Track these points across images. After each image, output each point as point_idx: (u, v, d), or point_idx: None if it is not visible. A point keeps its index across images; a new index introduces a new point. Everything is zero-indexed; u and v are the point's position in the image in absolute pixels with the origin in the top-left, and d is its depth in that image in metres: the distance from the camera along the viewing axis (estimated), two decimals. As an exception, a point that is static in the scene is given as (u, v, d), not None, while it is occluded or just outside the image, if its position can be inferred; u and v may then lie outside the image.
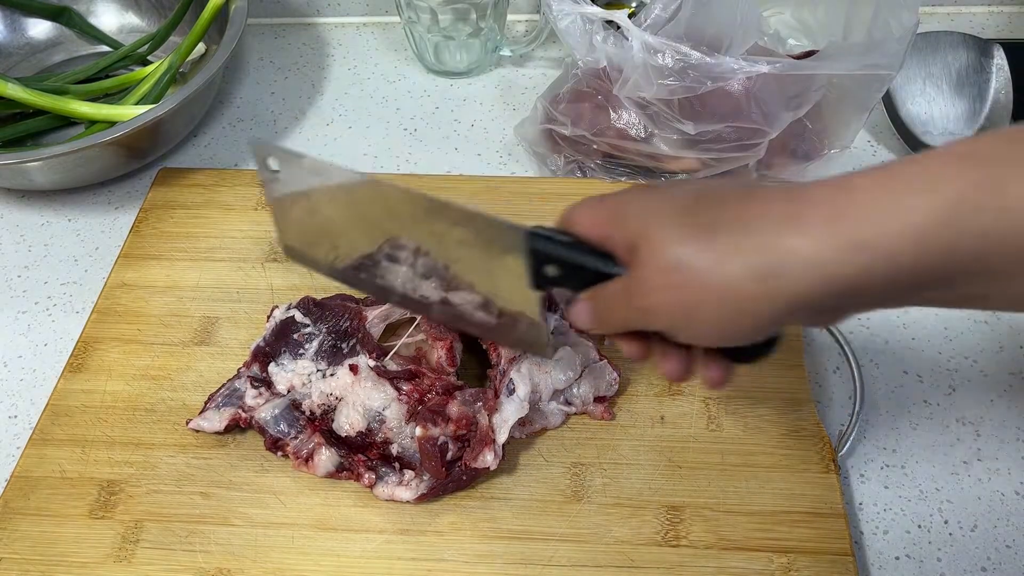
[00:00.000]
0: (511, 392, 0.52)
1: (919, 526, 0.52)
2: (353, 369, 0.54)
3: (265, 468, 0.54)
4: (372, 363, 0.54)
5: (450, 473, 0.51)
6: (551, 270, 0.44)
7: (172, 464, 0.55)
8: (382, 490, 0.52)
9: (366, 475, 0.52)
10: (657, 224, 0.38)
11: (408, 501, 0.52)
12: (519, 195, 0.69)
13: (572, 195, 0.67)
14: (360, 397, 0.53)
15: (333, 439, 0.53)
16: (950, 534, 0.52)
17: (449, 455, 0.51)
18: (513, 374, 0.53)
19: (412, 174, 0.74)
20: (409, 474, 0.52)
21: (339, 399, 0.54)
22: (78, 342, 0.61)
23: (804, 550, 0.50)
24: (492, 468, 0.51)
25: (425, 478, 0.52)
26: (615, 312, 0.41)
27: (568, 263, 0.43)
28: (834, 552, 0.50)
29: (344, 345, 0.56)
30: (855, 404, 0.57)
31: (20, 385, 0.61)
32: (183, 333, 0.61)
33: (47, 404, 0.58)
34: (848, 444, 0.55)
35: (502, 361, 0.54)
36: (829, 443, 0.54)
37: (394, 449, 0.53)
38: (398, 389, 0.53)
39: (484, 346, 0.56)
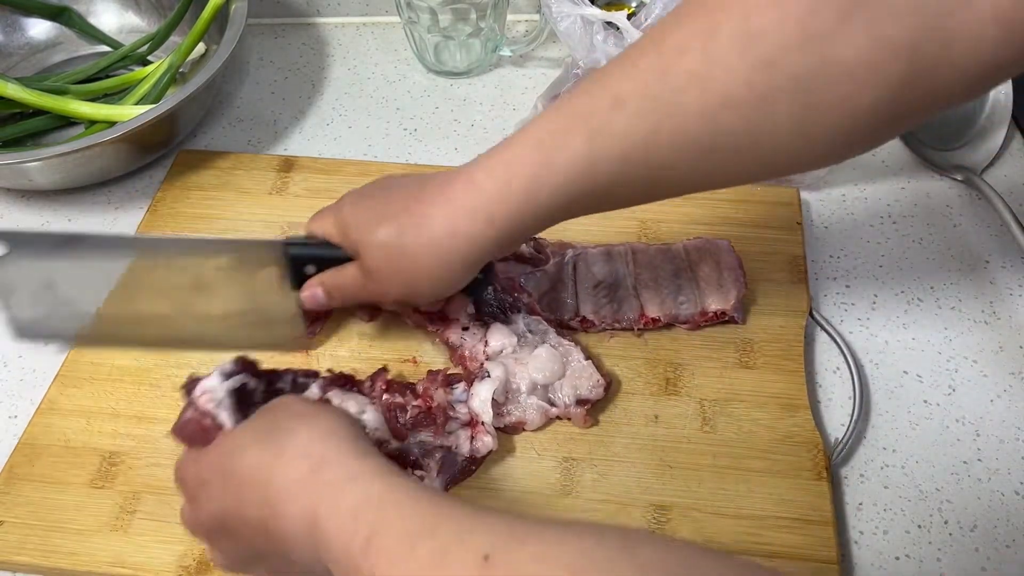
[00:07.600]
0: (483, 378, 0.54)
1: (919, 526, 0.52)
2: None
3: None
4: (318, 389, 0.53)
5: (450, 463, 0.52)
6: (311, 269, 0.54)
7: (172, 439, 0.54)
8: None
9: None
10: (367, 231, 0.50)
11: None
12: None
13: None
14: None
15: None
16: (950, 534, 0.52)
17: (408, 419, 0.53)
18: (488, 365, 0.55)
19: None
20: (418, 475, 0.52)
21: None
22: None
23: (790, 556, 0.50)
24: (494, 449, 0.52)
25: (436, 477, 0.52)
26: (350, 292, 0.53)
27: (323, 261, 0.53)
28: (820, 560, 0.49)
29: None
30: (854, 412, 0.57)
31: (20, 385, 0.61)
32: None
33: (57, 374, 0.59)
34: (843, 452, 0.55)
35: (478, 364, 0.56)
36: (823, 450, 0.54)
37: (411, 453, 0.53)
38: (364, 393, 0.53)
39: (454, 362, 0.57)
